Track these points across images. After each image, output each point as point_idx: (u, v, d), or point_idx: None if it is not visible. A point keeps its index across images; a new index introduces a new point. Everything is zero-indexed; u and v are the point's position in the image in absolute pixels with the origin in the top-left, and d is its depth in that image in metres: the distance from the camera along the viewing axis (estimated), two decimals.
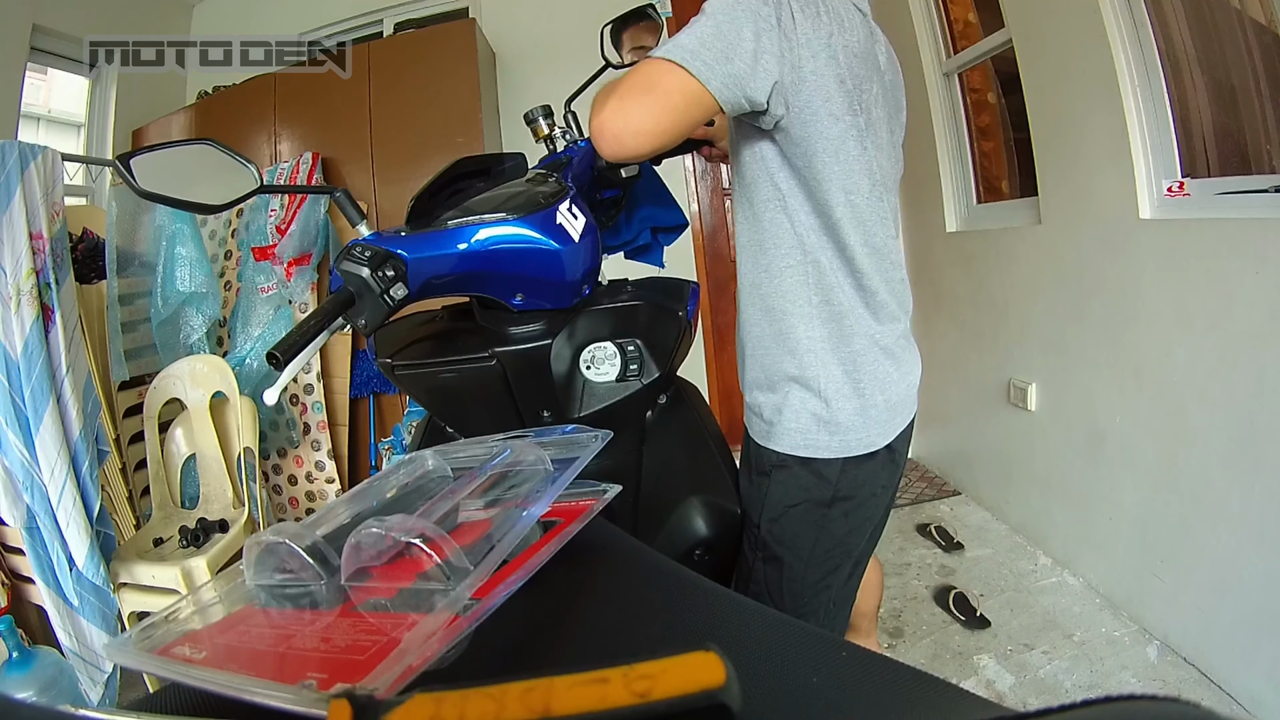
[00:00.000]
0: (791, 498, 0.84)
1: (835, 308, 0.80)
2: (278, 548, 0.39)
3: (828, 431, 0.81)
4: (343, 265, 0.66)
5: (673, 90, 0.69)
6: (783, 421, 0.83)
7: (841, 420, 0.81)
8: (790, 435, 0.83)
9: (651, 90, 0.69)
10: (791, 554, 0.85)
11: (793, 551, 0.85)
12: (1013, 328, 2.04)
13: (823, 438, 0.81)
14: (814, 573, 0.86)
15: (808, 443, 0.82)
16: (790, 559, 0.86)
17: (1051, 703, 0.89)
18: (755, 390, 0.88)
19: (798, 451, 0.83)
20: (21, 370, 1.41)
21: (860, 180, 0.77)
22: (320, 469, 2.42)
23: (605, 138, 0.71)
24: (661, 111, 0.70)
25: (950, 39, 2.29)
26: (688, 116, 0.71)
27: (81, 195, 2.66)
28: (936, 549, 2.05)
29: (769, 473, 0.85)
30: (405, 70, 2.42)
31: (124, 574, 1.60)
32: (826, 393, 0.81)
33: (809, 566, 0.86)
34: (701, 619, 0.43)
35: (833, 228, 0.78)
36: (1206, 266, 1.37)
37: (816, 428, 0.81)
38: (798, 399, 0.82)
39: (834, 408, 0.81)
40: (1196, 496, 1.43)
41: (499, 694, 0.19)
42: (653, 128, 0.70)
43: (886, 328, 0.83)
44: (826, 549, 0.86)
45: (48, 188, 1.51)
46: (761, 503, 0.86)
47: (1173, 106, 1.48)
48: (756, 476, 0.87)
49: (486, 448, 0.54)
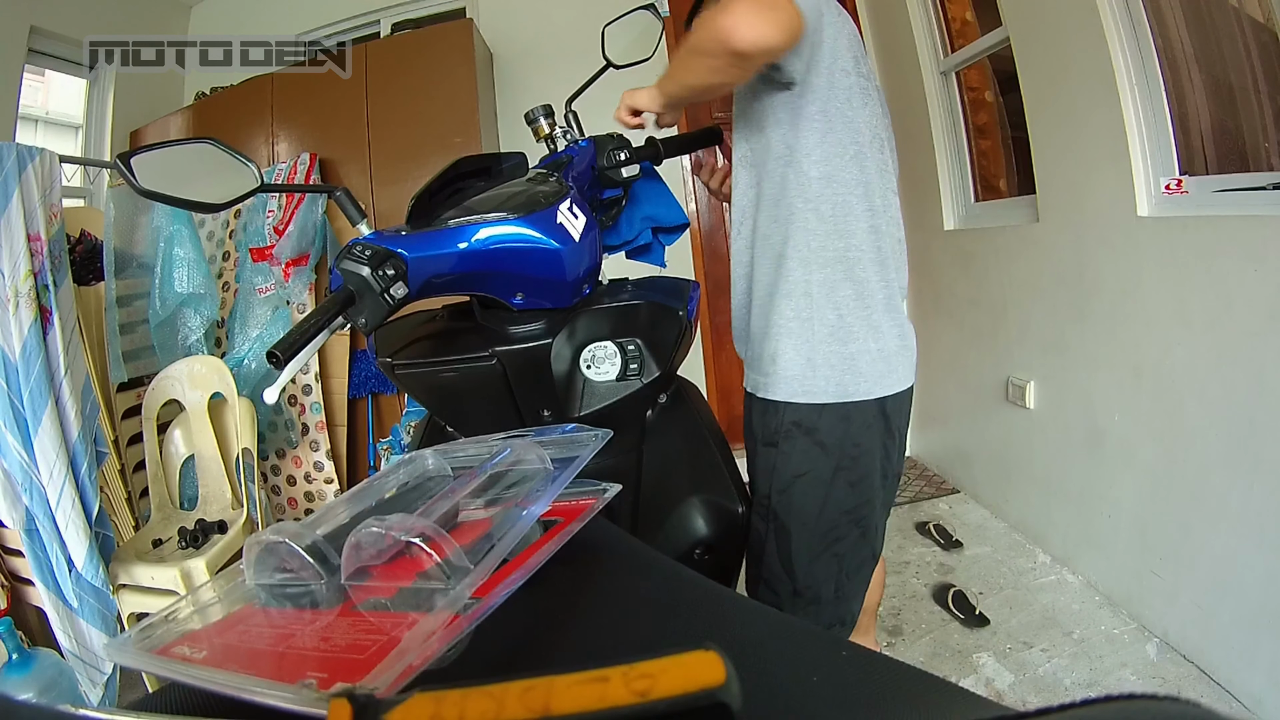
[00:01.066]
0: (796, 467, 0.87)
1: (835, 253, 0.85)
2: (278, 547, 0.39)
3: (821, 376, 0.85)
4: (343, 264, 0.66)
5: None
6: (778, 370, 0.87)
7: (835, 363, 0.85)
8: (787, 383, 0.86)
9: None
10: (798, 521, 0.89)
11: (800, 518, 0.89)
12: (1011, 326, 2.05)
13: (817, 382, 0.85)
14: (821, 539, 0.90)
15: (805, 388, 0.86)
16: (797, 527, 0.89)
17: (1051, 701, 0.89)
18: (755, 342, 0.92)
19: (795, 398, 0.86)
20: (20, 372, 1.41)
21: (863, 130, 0.85)
22: (319, 469, 2.42)
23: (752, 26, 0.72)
24: None
25: (948, 37, 2.29)
26: None
27: (79, 197, 2.65)
28: (935, 547, 2.05)
29: (775, 443, 0.88)
30: (403, 71, 2.42)
31: (123, 575, 1.60)
32: (818, 335, 0.85)
33: (815, 533, 0.89)
34: (701, 618, 0.43)
35: (836, 177, 0.84)
36: (1205, 264, 1.37)
37: (810, 372, 0.85)
38: (791, 344, 0.86)
39: (826, 350, 0.85)
40: (1196, 494, 1.43)
41: (499, 693, 0.19)
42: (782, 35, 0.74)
43: (883, 277, 0.87)
44: (832, 516, 0.89)
45: (45, 189, 1.51)
46: (770, 474, 0.89)
47: (1170, 104, 1.48)
48: (763, 448, 0.90)
49: (486, 447, 0.54)
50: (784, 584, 0.91)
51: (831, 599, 0.93)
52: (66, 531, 1.46)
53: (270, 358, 0.61)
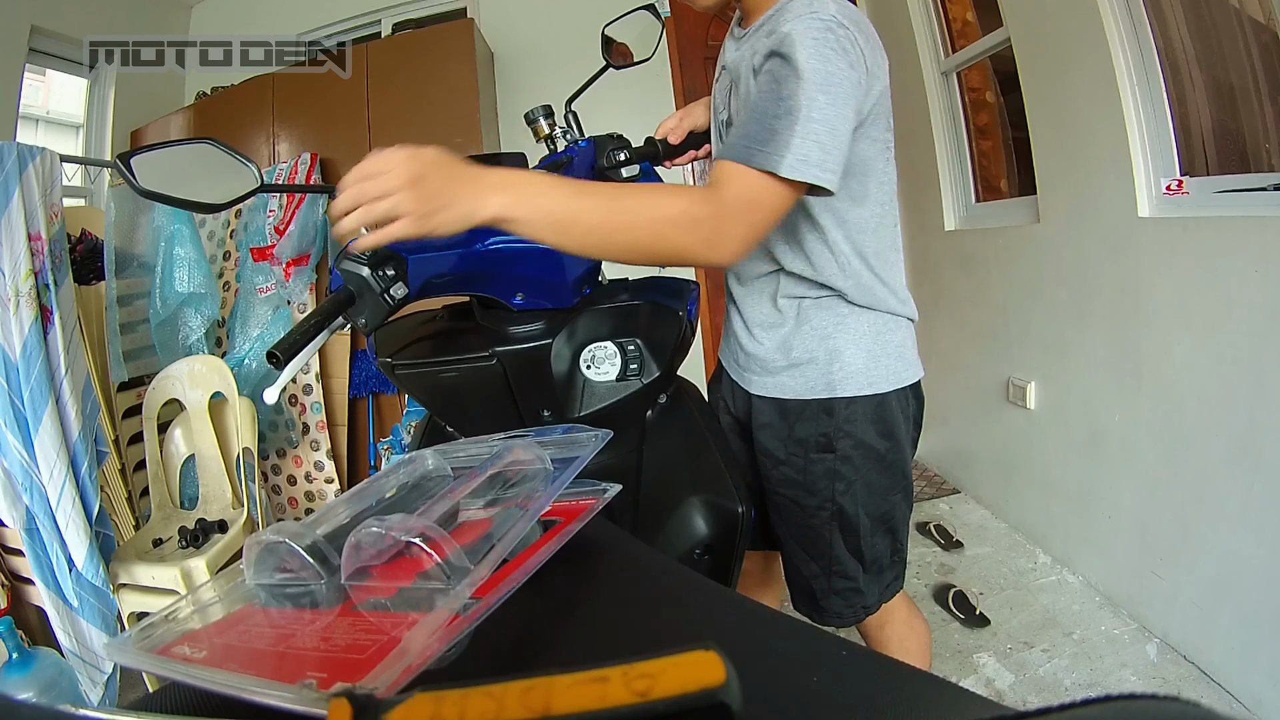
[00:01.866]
0: (858, 464, 0.89)
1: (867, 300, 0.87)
2: (278, 547, 0.39)
3: (881, 366, 0.87)
4: (343, 264, 0.67)
5: (785, 208, 0.70)
6: (843, 368, 0.87)
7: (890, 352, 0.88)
8: (854, 378, 0.87)
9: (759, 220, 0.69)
10: (864, 512, 0.91)
11: (865, 509, 0.91)
12: (1012, 326, 2.05)
13: (878, 372, 0.87)
14: (881, 519, 0.92)
15: (870, 380, 0.87)
16: (863, 517, 0.91)
17: (1051, 701, 0.89)
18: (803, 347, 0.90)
19: (862, 391, 0.87)
20: (20, 372, 1.41)
21: (887, 188, 0.85)
22: (319, 469, 2.42)
23: None
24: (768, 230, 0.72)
25: (949, 38, 2.29)
26: None
27: (80, 196, 2.65)
28: (936, 547, 2.05)
29: (833, 447, 0.89)
30: (403, 70, 2.42)
31: (123, 575, 1.60)
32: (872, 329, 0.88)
33: (876, 516, 0.92)
34: (701, 618, 0.43)
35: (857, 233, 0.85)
36: (1206, 265, 1.37)
37: (872, 365, 0.87)
38: (850, 340, 0.87)
39: (882, 341, 0.88)
40: (1196, 495, 1.43)
41: (499, 693, 0.19)
42: None
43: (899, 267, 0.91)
44: (890, 497, 0.92)
45: (46, 189, 1.51)
46: (831, 478, 0.90)
47: (1171, 105, 1.48)
48: (817, 455, 0.90)
49: (486, 447, 0.54)
50: (856, 568, 0.94)
51: (892, 563, 0.97)
52: (67, 531, 1.46)
53: (270, 358, 0.61)
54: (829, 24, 0.68)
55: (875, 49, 0.75)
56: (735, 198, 0.67)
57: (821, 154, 0.67)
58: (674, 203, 0.65)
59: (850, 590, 0.95)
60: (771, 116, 0.67)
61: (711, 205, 0.66)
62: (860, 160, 0.79)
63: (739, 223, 0.67)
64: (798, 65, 0.67)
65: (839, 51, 0.68)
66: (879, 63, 0.75)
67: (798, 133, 0.66)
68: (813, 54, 0.67)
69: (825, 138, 0.67)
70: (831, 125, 0.67)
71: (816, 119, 0.66)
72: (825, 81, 0.67)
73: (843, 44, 0.68)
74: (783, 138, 0.66)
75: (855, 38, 0.70)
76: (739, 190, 0.67)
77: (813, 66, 0.66)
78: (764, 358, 0.92)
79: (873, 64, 0.73)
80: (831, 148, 0.67)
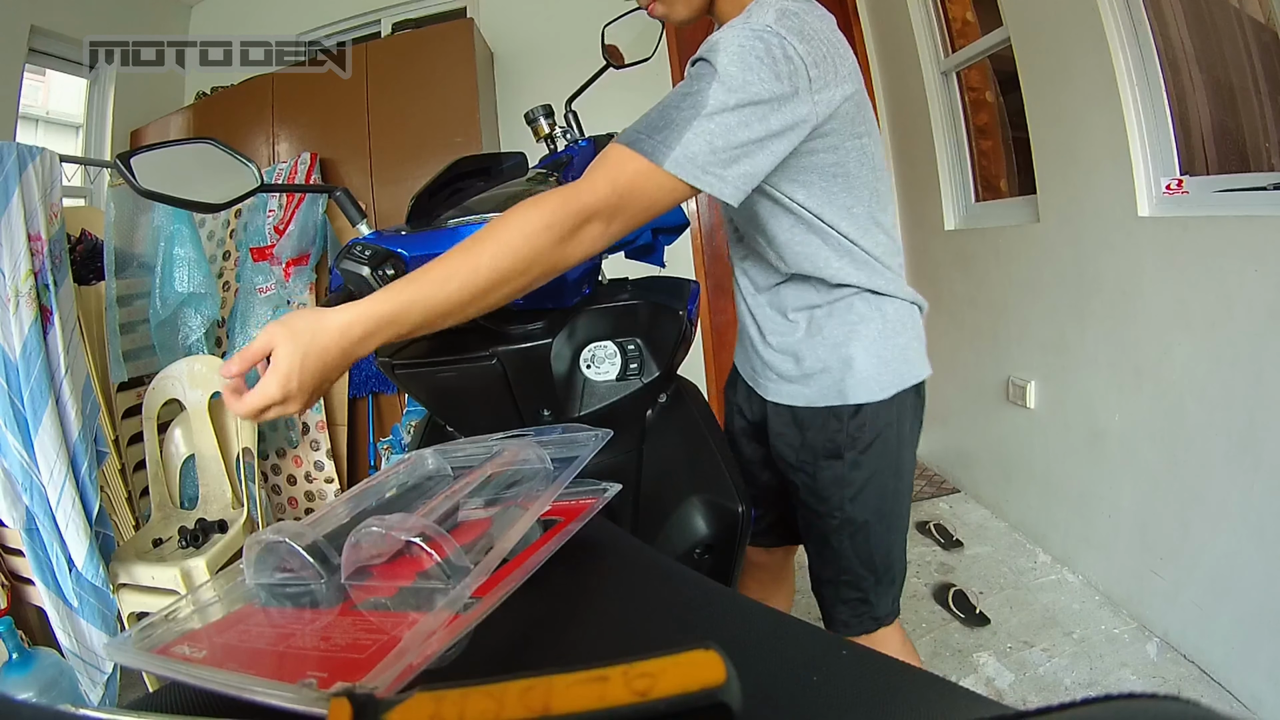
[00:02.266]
0: (869, 469, 0.88)
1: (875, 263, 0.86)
2: (278, 547, 0.39)
3: (890, 370, 0.87)
4: (343, 264, 0.67)
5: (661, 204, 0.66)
6: (854, 373, 0.86)
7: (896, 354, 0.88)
8: (865, 384, 0.86)
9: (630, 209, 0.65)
10: (875, 518, 0.90)
11: (875, 515, 0.90)
12: (1011, 326, 2.05)
13: (887, 376, 0.86)
14: (889, 524, 0.92)
15: (881, 385, 0.86)
16: (874, 523, 0.91)
17: (1051, 700, 0.89)
18: (815, 355, 0.89)
19: (874, 396, 0.86)
20: (20, 372, 1.41)
21: (861, 192, 0.81)
22: (319, 469, 2.42)
23: None
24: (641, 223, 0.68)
25: (948, 37, 2.29)
26: None
27: (80, 196, 2.65)
28: (936, 547, 2.05)
29: (840, 454, 0.88)
30: (403, 70, 2.42)
31: (123, 575, 1.60)
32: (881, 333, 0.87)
33: (885, 521, 0.92)
34: (701, 618, 0.43)
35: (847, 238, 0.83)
36: (1205, 264, 1.37)
37: (882, 369, 0.87)
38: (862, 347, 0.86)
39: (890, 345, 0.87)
40: (1196, 494, 1.43)
41: (499, 693, 0.19)
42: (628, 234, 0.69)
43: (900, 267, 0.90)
44: (898, 501, 0.93)
45: (46, 189, 1.51)
46: (840, 485, 0.89)
47: (1171, 104, 1.48)
48: (827, 461, 0.89)
49: (486, 447, 0.54)
50: (866, 578, 0.93)
51: (902, 568, 0.97)
52: (67, 531, 1.46)
53: None
54: (760, 32, 0.65)
55: (830, 56, 0.70)
56: (605, 184, 0.64)
57: (709, 155, 0.63)
58: (531, 217, 0.61)
59: (858, 600, 0.95)
60: (672, 107, 0.65)
61: (572, 200, 0.62)
62: (831, 165, 0.77)
63: (606, 210, 0.64)
64: (715, 66, 0.64)
65: (764, 60, 0.64)
66: (834, 70, 0.70)
67: (693, 128, 0.63)
68: (733, 59, 0.64)
69: (719, 141, 0.63)
70: (730, 131, 0.64)
71: (716, 120, 0.63)
72: (739, 88, 0.64)
73: (771, 53, 0.65)
74: (676, 129, 0.63)
75: (792, 47, 0.65)
76: (612, 175, 0.64)
77: (730, 71, 0.64)
78: (778, 366, 0.92)
79: (820, 74, 0.68)
80: (723, 151, 0.64)
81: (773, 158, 0.68)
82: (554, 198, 0.62)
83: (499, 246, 0.60)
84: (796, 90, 0.66)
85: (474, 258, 0.60)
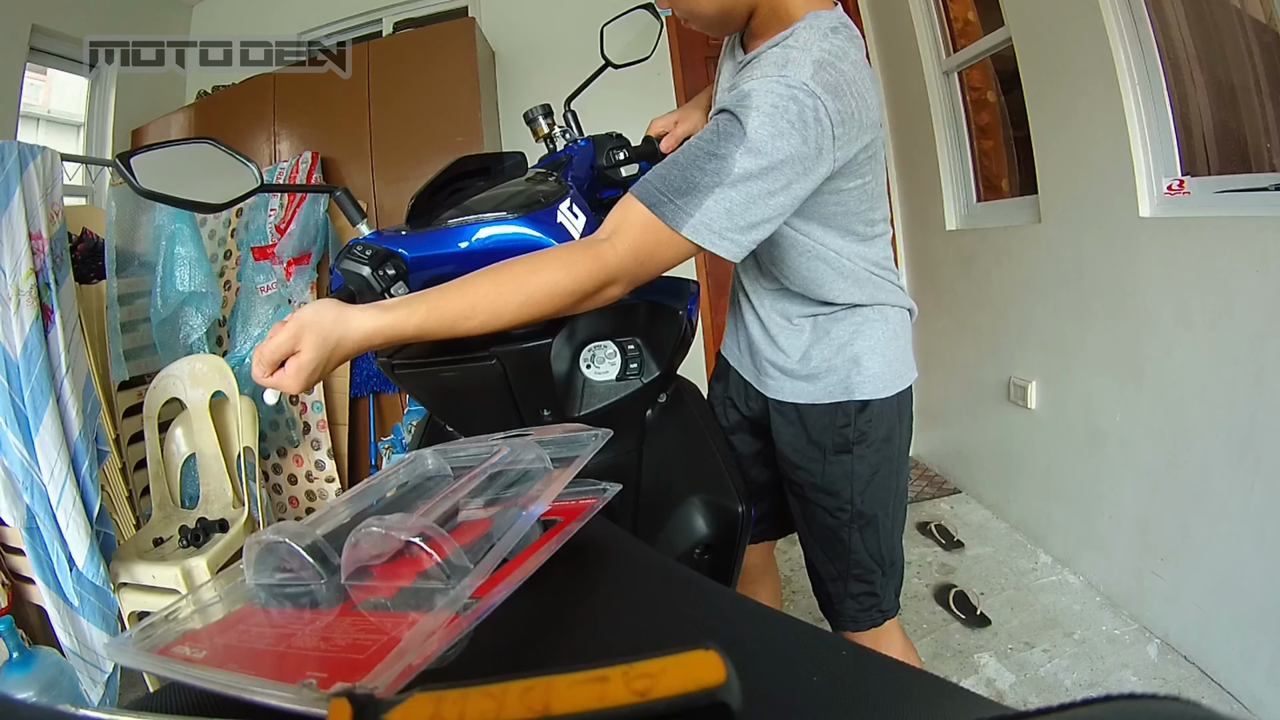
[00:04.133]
0: (875, 462, 0.90)
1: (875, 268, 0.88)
2: (278, 547, 0.39)
3: (893, 370, 0.89)
4: (343, 264, 0.67)
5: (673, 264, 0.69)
6: (862, 371, 0.88)
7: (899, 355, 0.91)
8: (872, 381, 0.88)
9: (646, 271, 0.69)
10: (882, 511, 0.92)
11: (882, 508, 0.92)
12: (1012, 326, 2.04)
13: (889, 376, 0.89)
14: (893, 516, 0.94)
15: (886, 384, 0.88)
16: (881, 517, 0.93)
17: (1052, 701, 0.89)
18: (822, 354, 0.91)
19: (879, 394, 0.88)
20: (21, 370, 1.41)
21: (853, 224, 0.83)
22: (320, 468, 2.42)
23: None
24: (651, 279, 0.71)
25: (950, 37, 2.28)
26: None
27: (81, 195, 2.66)
28: (937, 547, 2.05)
29: (849, 448, 0.90)
30: (404, 70, 2.42)
31: (124, 574, 1.60)
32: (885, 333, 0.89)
33: (889, 513, 0.94)
34: (701, 618, 0.43)
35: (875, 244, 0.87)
36: (1206, 265, 1.37)
37: (886, 368, 0.89)
38: (868, 345, 0.88)
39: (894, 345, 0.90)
40: (1196, 495, 1.43)
41: (499, 693, 0.19)
42: None
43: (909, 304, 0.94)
44: (900, 494, 0.95)
45: (47, 188, 1.51)
46: (849, 479, 0.91)
47: (1172, 104, 1.48)
48: (835, 456, 0.91)
49: (486, 447, 0.54)
50: (874, 571, 0.95)
51: (903, 561, 0.99)
52: (67, 530, 1.46)
53: None
54: (796, 93, 0.64)
55: (858, 110, 0.68)
56: (628, 249, 0.66)
57: (727, 222, 0.65)
58: (560, 277, 0.64)
59: (866, 594, 0.95)
60: (696, 168, 0.65)
61: (598, 263, 0.65)
62: (833, 205, 0.79)
63: (627, 276, 0.67)
64: (745, 128, 0.64)
65: (795, 125, 0.64)
66: (858, 124, 0.69)
67: (714, 195, 0.64)
68: (764, 122, 0.63)
69: (739, 208, 0.65)
70: (751, 200, 0.65)
71: (740, 188, 0.64)
72: (767, 154, 0.64)
73: (804, 116, 0.64)
74: (698, 196, 0.64)
75: (824, 107, 0.65)
76: (634, 239, 0.66)
77: (760, 136, 0.63)
78: (784, 365, 0.93)
79: (845, 131, 0.68)
80: (741, 218, 0.65)
81: (784, 216, 0.70)
82: (582, 260, 0.64)
83: (525, 298, 0.63)
84: (821, 151, 0.67)
85: (499, 303, 0.62)
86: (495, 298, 0.62)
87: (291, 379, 0.60)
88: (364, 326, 0.60)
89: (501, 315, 0.63)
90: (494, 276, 0.63)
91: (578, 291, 0.64)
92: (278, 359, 0.60)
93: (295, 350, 0.59)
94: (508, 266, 0.64)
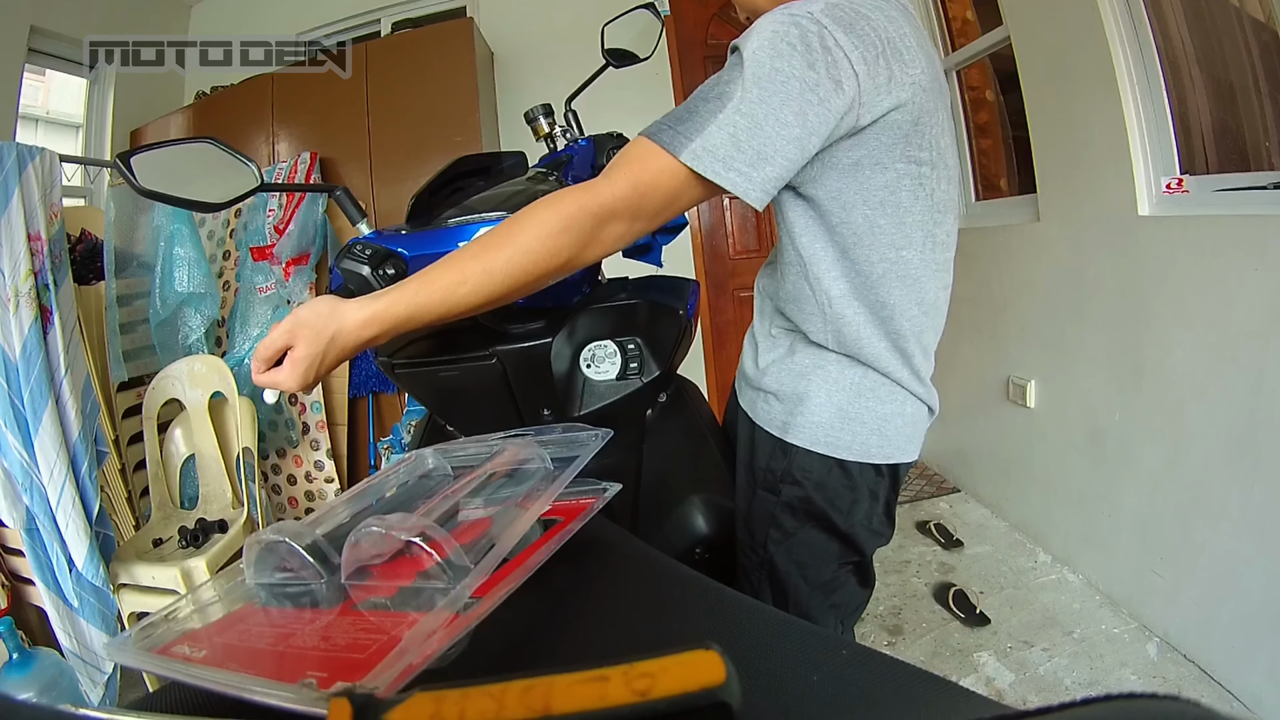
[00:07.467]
0: (798, 519, 0.78)
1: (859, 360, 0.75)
2: (278, 546, 0.39)
3: (849, 432, 0.75)
4: (343, 263, 0.67)
5: (682, 200, 0.62)
6: (804, 414, 0.75)
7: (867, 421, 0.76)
8: (811, 429, 0.75)
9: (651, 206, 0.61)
10: (798, 575, 0.80)
11: (799, 572, 0.79)
12: (1011, 325, 2.05)
13: (843, 437, 0.75)
14: (820, 592, 0.81)
15: (830, 440, 0.75)
16: (795, 581, 0.80)
17: (1051, 700, 0.89)
18: (782, 374, 0.79)
19: (816, 447, 0.75)
20: (20, 372, 1.41)
21: (914, 233, 0.68)
22: (319, 468, 2.42)
23: None
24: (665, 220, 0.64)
25: (949, 36, 2.29)
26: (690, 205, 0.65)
27: (80, 196, 2.65)
28: (936, 546, 2.05)
29: (778, 490, 0.78)
30: (403, 70, 2.42)
31: (123, 575, 1.60)
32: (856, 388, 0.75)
33: (814, 587, 0.80)
34: (701, 617, 0.43)
35: (870, 288, 0.71)
36: (1206, 263, 1.37)
37: (840, 424, 0.74)
38: (825, 391, 0.75)
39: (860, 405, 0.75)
40: (1196, 494, 1.43)
41: (499, 692, 0.19)
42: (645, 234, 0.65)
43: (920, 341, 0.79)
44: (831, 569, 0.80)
45: (46, 189, 1.51)
46: (768, 521, 0.80)
47: (1171, 103, 1.48)
48: (762, 492, 0.79)
49: (487, 446, 0.54)
50: None
51: None
52: (67, 531, 1.46)
53: None
54: (797, 18, 0.59)
55: (885, 57, 0.60)
56: (625, 181, 0.60)
57: (732, 149, 0.58)
58: (549, 218, 0.59)
59: None
60: (700, 99, 0.60)
61: (590, 198, 0.59)
62: (864, 189, 0.65)
63: (627, 210, 0.61)
64: (744, 55, 0.59)
65: (798, 48, 0.58)
66: (887, 73, 0.60)
67: (716, 120, 0.58)
68: (764, 45, 0.58)
69: (744, 134, 0.58)
70: (757, 123, 0.58)
71: (743, 112, 0.58)
72: (768, 76, 0.57)
73: (807, 40, 0.58)
74: (698, 121, 0.59)
75: (833, 38, 0.58)
76: (633, 170, 0.60)
77: (759, 59, 0.58)
78: (748, 371, 0.85)
79: (871, 72, 0.59)
80: (747, 146, 0.58)
81: (802, 154, 0.61)
82: (572, 197, 0.59)
83: (514, 250, 0.58)
84: (839, 83, 0.58)
85: (488, 261, 0.58)
86: (484, 257, 0.58)
87: (288, 375, 0.59)
88: (358, 315, 0.58)
89: (493, 274, 0.58)
90: (481, 240, 0.61)
91: (572, 229, 0.59)
92: (273, 355, 0.60)
93: (291, 346, 0.59)
94: (494, 228, 0.62)
